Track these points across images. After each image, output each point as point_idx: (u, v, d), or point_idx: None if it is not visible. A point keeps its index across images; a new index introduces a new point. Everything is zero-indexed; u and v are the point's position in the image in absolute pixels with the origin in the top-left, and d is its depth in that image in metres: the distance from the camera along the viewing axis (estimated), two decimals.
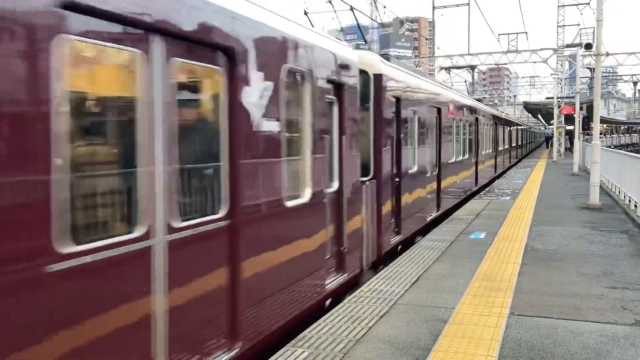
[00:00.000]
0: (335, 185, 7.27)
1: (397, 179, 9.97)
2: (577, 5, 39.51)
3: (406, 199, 10.51)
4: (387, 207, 9.42)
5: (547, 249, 9.86)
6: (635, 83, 66.93)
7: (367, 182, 8.69)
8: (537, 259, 9.13)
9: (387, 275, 8.12)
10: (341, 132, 7.38)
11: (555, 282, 7.75)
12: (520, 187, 20.92)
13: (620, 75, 72.58)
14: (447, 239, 10.78)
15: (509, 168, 32.59)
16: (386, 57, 10.23)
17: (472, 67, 35.98)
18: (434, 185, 13.16)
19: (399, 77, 10.22)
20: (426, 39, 76.27)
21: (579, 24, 42.22)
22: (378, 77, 9.09)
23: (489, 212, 14.51)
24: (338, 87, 7.25)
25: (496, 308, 6.58)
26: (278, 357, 5.20)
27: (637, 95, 76.10)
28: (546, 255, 9.36)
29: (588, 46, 24.38)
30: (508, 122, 34.38)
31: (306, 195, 6.26)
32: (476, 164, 20.05)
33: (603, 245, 10.26)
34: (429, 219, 12.54)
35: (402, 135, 10.13)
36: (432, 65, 42.91)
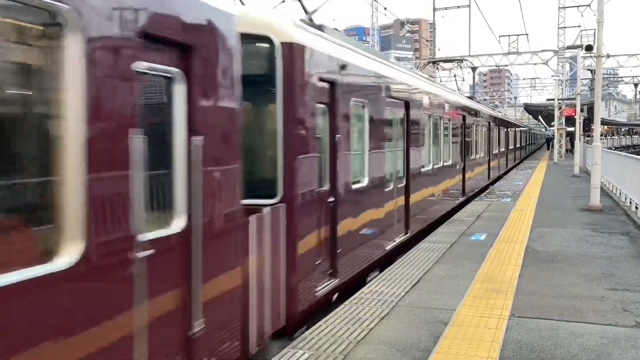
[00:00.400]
0: (178, 224, 4.13)
1: (331, 199, 7.10)
2: (577, 7, 39.54)
3: (349, 224, 7.61)
4: (310, 242, 6.51)
5: (548, 251, 9.86)
6: (636, 85, 66.92)
7: (268, 209, 5.70)
8: (538, 260, 9.13)
9: (388, 277, 8.12)
10: (192, 130, 4.25)
11: (556, 283, 7.75)
12: (521, 188, 20.91)
13: (621, 77, 72.65)
14: (448, 241, 10.78)
15: (505, 173, 29.86)
16: (319, 26, 7.42)
17: (462, 60, 32.34)
18: (400, 201, 10.23)
19: (333, 52, 7.22)
20: (427, 41, 76.31)
21: (579, 26, 42.39)
22: (289, 48, 6.08)
23: (489, 213, 14.51)
24: (185, 54, 4.18)
25: (497, 310, 6.58)
26: (279, 358, 5.21)
27: (637, 96, 76.11)
28: (547, 257, 9.35)
29: (589, 48, 24.35)
30: (505, 123, 31.82)
31: (67, 256, 3.07)
32: (464, 170, 17.26)
33: (604, 246, 10.26)
34: (390, 246, 9.59)
35: (340, 136, 7.24)
36: (433, 66, 42.89)
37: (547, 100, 54.98)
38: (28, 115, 3.22)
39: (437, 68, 33.76)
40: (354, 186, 7.91)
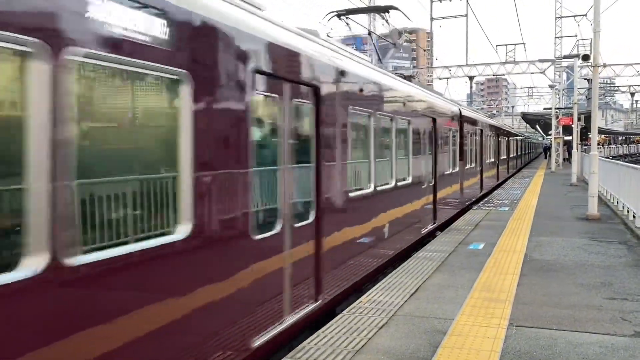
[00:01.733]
0: None
1: None
2: (574, 16, 39.83)
3: None
4: None
5: (546, 260, 9.86)
6: (632, 94, 67.31)
7: None
8: (536, 269, 9.13)
9: (386, 286, 8.11)
10: None
11: (554, 292, 7.74)
12: (518, 197, 20.93)
13: (618, 86, 72.93)
14: (446, 250, 10.77)
15: (474, 202, 19.97)
16: None
17: (387, 10, 20.95)
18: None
19: None
20: (424, 50, 76.59)
21: (576, 35, 42.64)
22: None
23: (487, 222, 14.51)
24: None
25: (495, 319, 6.57)
26: None
27: (634, 106, 76.43)
28: (545, 266, 9.35)
29: (585, 57, 24.44)
30: (479, 125, 21.53)
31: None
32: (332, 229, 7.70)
33: (602, 256, 10.26)
34: None
35: None
36: (431, 76, 43.10)
37: (545, 109, 55.19)
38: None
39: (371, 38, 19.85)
40: None
